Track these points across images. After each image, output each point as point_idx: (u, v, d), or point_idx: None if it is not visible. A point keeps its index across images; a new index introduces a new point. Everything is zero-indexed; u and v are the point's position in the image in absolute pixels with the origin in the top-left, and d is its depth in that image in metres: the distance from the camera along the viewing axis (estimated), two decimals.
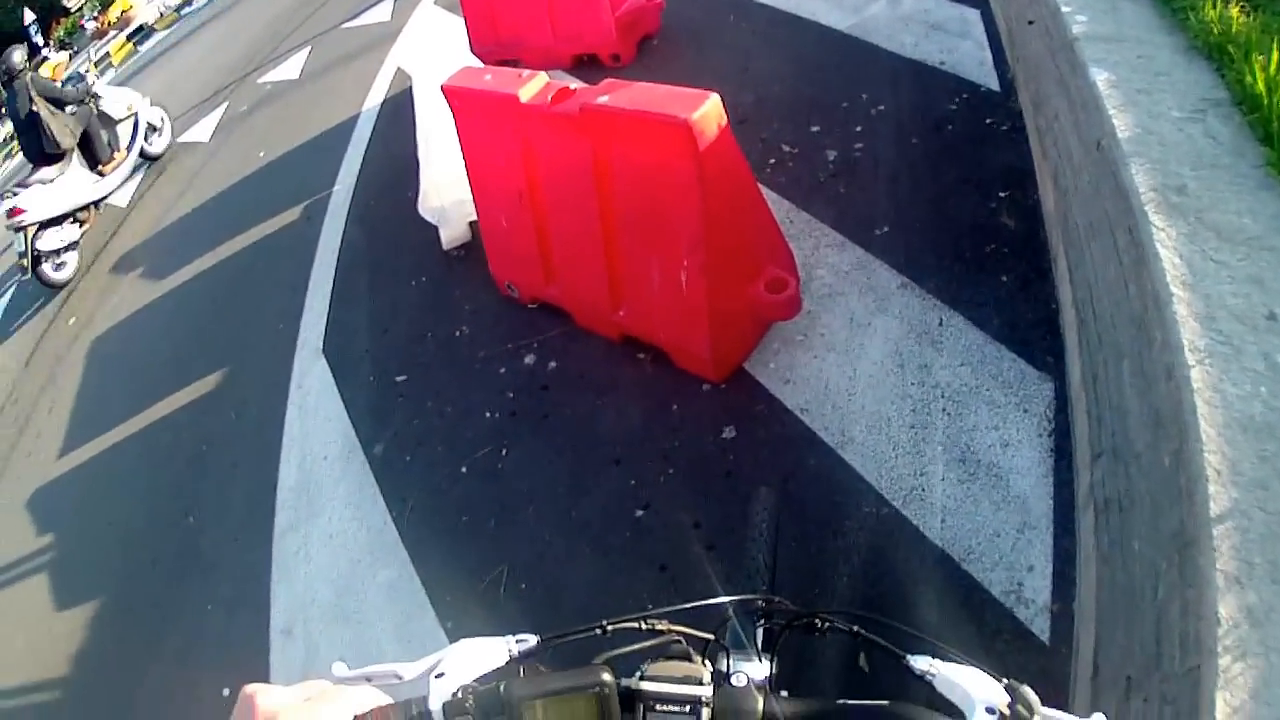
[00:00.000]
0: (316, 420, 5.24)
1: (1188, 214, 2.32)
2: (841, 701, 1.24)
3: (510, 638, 1.24)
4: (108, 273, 9.07)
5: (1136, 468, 2.32)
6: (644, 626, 1.26)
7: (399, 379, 5.15)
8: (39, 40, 27.92)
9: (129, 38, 20.67)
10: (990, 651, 2.82)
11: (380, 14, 11.53)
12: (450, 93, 4.61)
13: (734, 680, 1.18)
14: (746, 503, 2.63)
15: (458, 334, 5.23)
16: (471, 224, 5.76)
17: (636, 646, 1.27)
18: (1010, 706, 1.12)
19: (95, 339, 7.98)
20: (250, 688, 1.02)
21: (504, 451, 4.37)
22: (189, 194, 9.56)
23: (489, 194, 4.87)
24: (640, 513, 3.78)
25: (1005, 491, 3.22)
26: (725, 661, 1.37)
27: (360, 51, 10.52)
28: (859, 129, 5.27)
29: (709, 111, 3.44)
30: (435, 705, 1.10)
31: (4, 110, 9.81)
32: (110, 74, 18.72)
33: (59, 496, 6.27)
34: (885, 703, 1.38)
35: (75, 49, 24.15)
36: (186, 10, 20.17)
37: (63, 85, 10.00)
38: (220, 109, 11.44)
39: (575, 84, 4.23)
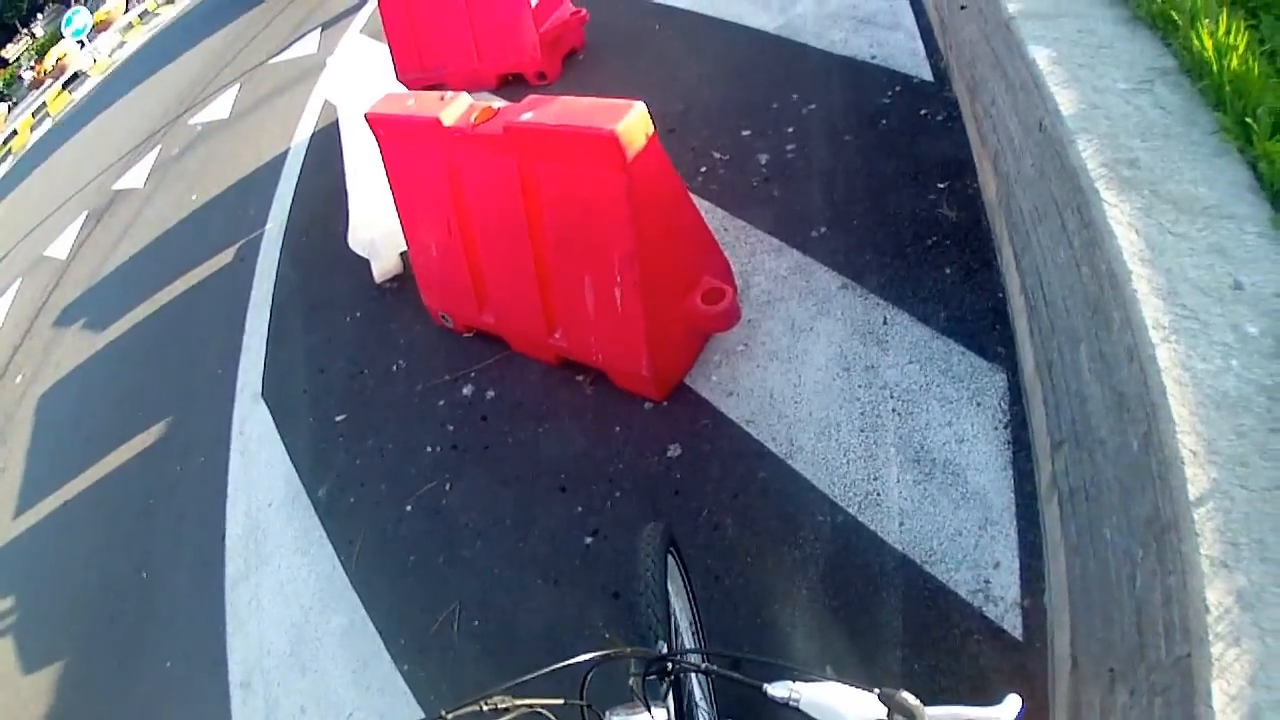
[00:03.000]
0: (259, 466, 5.12)
1: (1141, 188, 2.25)
2: None
3: None
4: (50, 326, 8.93)
5: (1101, 454, 2.25)
6: (485, 707, 1.24)
7: (338, 418, 5.04)
8: None
9: (64, 85, 20.42)
10: (963, 653, 2.75)
11: (307, 47, 11.43)
12: (374, 121, 4.50)
13: None
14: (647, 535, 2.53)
15: (394, 368, 5.13)
16: (402, 255, 5.67)
17: None
18: (890, 716, 1.13)
19: (42, 395, 7.86)
20: None
21: (448, 486, 4.26)
22: (125, 242, 9.41)
23: (417, 223, 4.75)
24: (589, 540, 3.68)
25: (964, 488, 3.14)
26: None
27: (288, 85, 10.42)
28: (791, 130, 5.20)
29: (634, 121, 3.35)
30: None
31: None
32: (47, 123, 18.52)
33: (17, 557, 6.16)
34: None
35: (14, 100, 23.95)
36: (120, 55, 19.89)
37: None
38: (153, 153, 11.28)
39: (500, 103, 4.13)
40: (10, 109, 22.71)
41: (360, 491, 4.52)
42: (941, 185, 4.38)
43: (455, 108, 4.10)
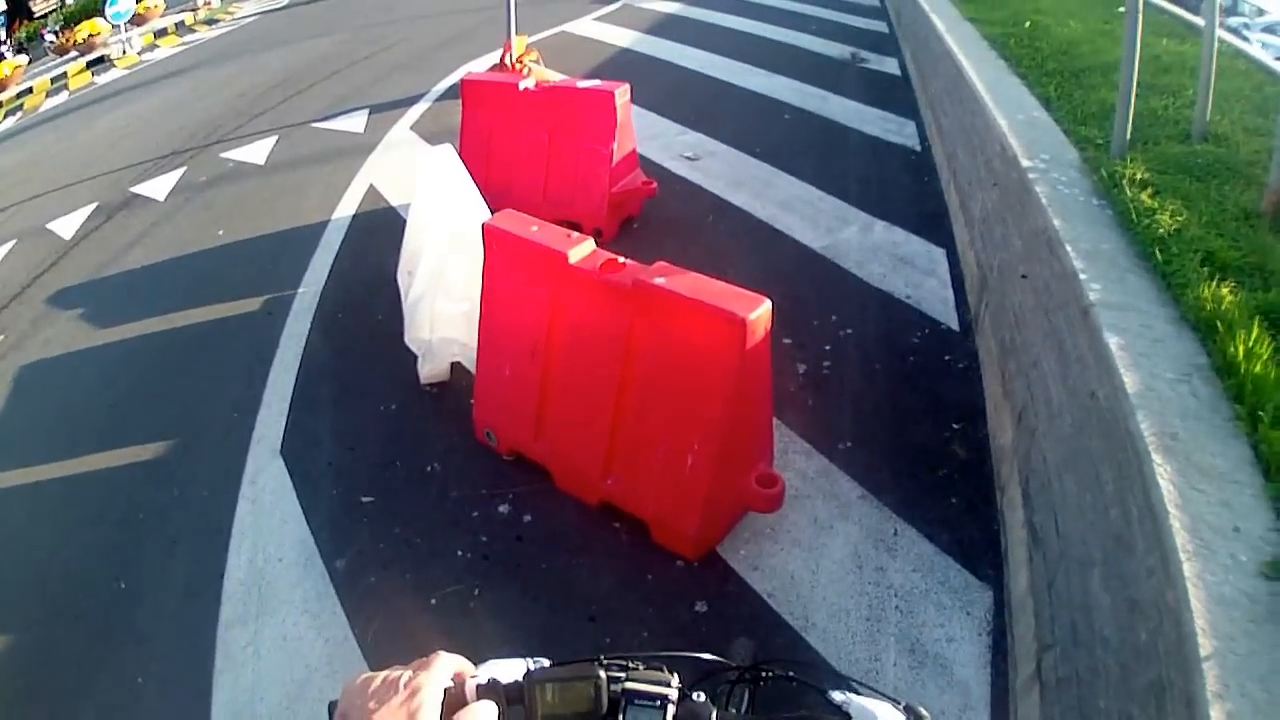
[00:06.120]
0: (271, 519, 5.17)
1: (1179, 455, 2.97)
2: None
3: (530, 659, 1.57)
4: (43, 302, 8.65)
5: (1101, 648, 2.97)
6: (631, 665, 1.55)
7: (365, 499, 5.19)
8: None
9: (89, 65, 20.23)
10: None
11: (353, 124, 11.82)
12: (491, 233, 4.81)
13: (695, 695, 1.52)
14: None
15: (429, 469, 5.35)
16: (454, 365, 5.91)
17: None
18: None
19: (24, 365, 7.58)
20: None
21: (476, 592, 4.47)
22: (138, 250, 9.36)
23: (499, 340, 5.02)
24: None
25: (949, 678, 3.79)
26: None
27: (331, 156, 10.73)
28: (828, 348, 5.87)
29: (762, 315, 3.92)
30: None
31: None
32: (64, 95, 18.24)
33: None
34: None
35: (31, 57, 23.55)
36: (148, 57, 19.90)
37: None
38: (177, 172, 11.31)
39: (623, 258, 4.51)
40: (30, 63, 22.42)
41: (382, 574, 4.66)
42: (956, 426, 5.10)
43: (582, 249, 4.48)
